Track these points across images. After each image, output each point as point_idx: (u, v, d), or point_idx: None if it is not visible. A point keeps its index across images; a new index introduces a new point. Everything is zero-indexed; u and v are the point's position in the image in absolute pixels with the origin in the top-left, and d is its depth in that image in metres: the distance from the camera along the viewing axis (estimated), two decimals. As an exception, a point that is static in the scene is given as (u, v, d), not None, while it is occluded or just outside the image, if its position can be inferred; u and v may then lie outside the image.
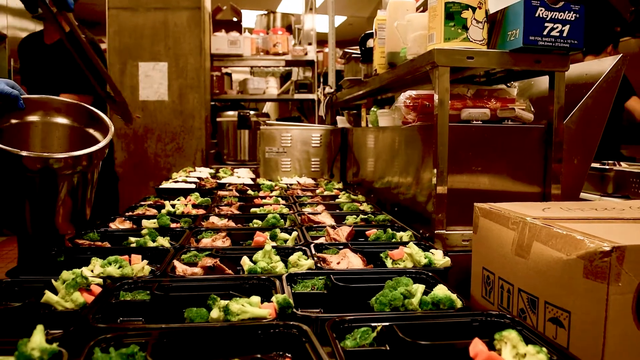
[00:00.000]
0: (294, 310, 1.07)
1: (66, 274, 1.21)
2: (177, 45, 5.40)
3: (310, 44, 6.47)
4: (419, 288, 1.14)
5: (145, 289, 1.24)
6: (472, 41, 1.79)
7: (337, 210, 2.34)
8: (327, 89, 5.19)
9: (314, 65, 6.17)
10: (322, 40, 7.19)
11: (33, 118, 1.55)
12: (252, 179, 3.58)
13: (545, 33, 1.76)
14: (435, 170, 1.81)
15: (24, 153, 1.28)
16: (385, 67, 2.43)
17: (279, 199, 2.61)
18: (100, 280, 1.25)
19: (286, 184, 3.22)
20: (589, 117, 1.98)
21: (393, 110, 2.18)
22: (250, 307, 1.04)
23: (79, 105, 1.57)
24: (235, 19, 6.36)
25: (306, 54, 6.01)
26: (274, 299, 1.09)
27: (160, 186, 3.07)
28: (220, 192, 2.87)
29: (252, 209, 2.31)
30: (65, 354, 0.86)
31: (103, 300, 1.14)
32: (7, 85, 1.51)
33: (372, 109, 2.87)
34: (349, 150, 3.54)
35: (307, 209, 2.32)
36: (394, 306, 1.10)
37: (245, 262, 1.40)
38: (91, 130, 1.58)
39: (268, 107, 6.99)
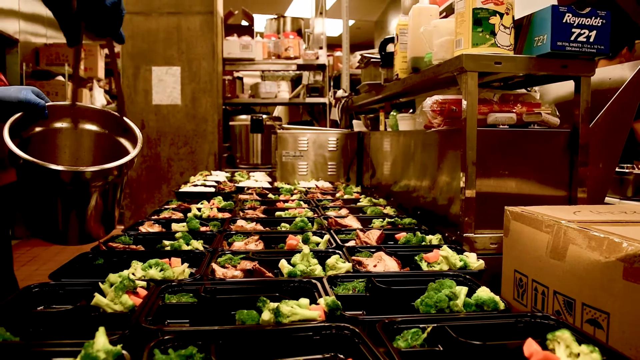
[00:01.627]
0: (342, 312, 1.09)
1: (113, 277, 1.23)
2: (190, 49, 5.43)
3: (321, 47, 6.50)
4: (462, 290, 1.16)
5: (189, 291, 1.26)
6: (499, 46, 1.81)
7: (361, 214, 2.35)
8: (340, 93, 5.22)
9: (325, 69, 6.20)
10: (331, 44, 7.22)
11: (60, 125, 1.56)
12: (270, 183, 3.60)
13: (572, 39, 1.78)
14: (463, 174, 1.83)
15: (60, 168, 1.29)
16: (407, 72, 2.45)
17: (301, 202, 2.63)
18: (144, 283, 1.28)
19: (305, 188, 3.24)
20: (614, 122, 2.00)
21: (417, 115, 2.20)
22: (300, 309, 1.06)
23: (106, 112, 1.58)
24: (246, 23, 6.40)
25: (317, 57, 6.04)
26: (322, 301, 1.11)
27: (180, 190, 3.09)
28: (241, 196, 2.89)
29: (277, 213, 2.33)
30: (127, 356, 0.89)
31: (152, 303, 1.16)
32: (33, 93, 1.53)
33: (392, 113, 2.89)
34: (366, 153, 3.57)
35: (331, 213, 2.34)
36: (440, 308, 1.12)
37: (284, 265, 1.42)
38: (119, 138, 1.60)
39: (279, 111, 7.01)
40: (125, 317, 1.13)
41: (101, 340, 0.88)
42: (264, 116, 5.51)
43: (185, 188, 3.18)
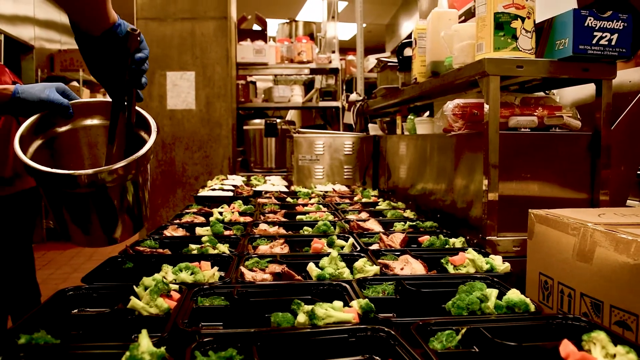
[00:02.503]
0: (376, 314, 1.11)
1: (148, 281, 1.25)
2: (204, 54, 5.47)
3: (333, 51, 6.52)
4: (493, 292, 1.17)
5: (221, 294, 1.29)
6: (521, 50, 1.82)
7: (381, 217, 2.37)
8: (353, 96, 5.24)
9: (337, 73, 6.22)
10: (342, 48, 7.24)
11: (82, 123, 1.57)
12: (286, 186, 3.62)
13: (594, 42, 1.79)
14: (485, 177, 1.84)
15: (76, 173, 1.30)
16: (425, 76, 2.47)
17: (321, 206, 2.65)
18: (176, 287, 1.30)
19: (322, 191, 3.26)
20: (635, 124, 2.00)
21: (438, 118, 2.21)
22: (334, 312, 1.08)
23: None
24: (259, 28, 6.43)
25: (330, 61, 6.06)
26: (355, 303, 1.13)
27: (199, 194, 3.12)
28: (260, 200, 2.91)
29: (298, 216, 2.35)
30: (170, 358, 0.90)
31: (186, 306, 1.19)
32: (58, 91, 1.53)
33: (409, 116, 2.90)
34: (382, 157, 3.58)
35: (351, 216, 2.36)
36: (472, 310, 1.13)
37: (313, 268, 1.44)
38: (142, 133, 1.59)
39: (291, 115, 7.04)
40: (161, 320, 1.15)
41: (145, 342, 0.90)
42: (278, 120, 5.54)
43: (203, 192, 3.21)
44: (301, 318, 1.07)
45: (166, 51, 5.45)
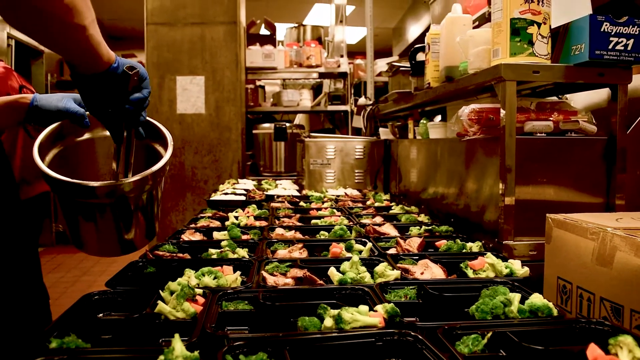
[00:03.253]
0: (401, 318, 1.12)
1: (173, 285, 1.27)
2: (214, 59, 5.50)
3: (342, 55, 6.54)
4: (516, 297, 1.18)
5: (245, 299, 1.30)
6: (537, 56, 1.83)
7: (395, 222, 2.38)
8: (361, 100, 5.26)
9: (346, 77, 6.24)
10: (349, 52, 7.26)
11: (98, 134, 1.59)
12: (298, 191, 3.64)
13: (610, 47, 1.80)
14: (502, 182, 1.85)
15: (95, 184, 1.31)
16: (439, 81, 2.48)
17: (334, 210, 2.66)
18: (201, 291, 1.31)
19: (334, 195, 3.27)
20: (651, 128, 2.01)
21: (453, 123, 2.22)
22: (361, 316, 1.09)
23: (147, 122, 1.60)
24: (268, 32, 6.46)
25: (339, 66, 6.08)
26: (380, 307, 1.14)
27: (212, 198, 3.14)
28: (273, 204, 2.93)
29: (313, 221, 2.36)
30: (202, 362, 0.92)
31: (212, 311, 1.20)
32: (75, 101, 1.56)
33: (422, 121, 2.92)
34: (393, 161, 3.59)
35: (365, 220, 2.37)
36: (495, 314, 1.14)
37: (334, 273, 1.45)
38: (157, 146, 1.62)
39: (300, 119, 7.06)
40: (188, 324, 1.17)
41: (179, 346, 0.91)
42: (288, 124, 5.56)
43: (216, 196, 3.22)
44: (328, 322, 1.08)
45: (176, 56, 5.48)
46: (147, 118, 1.60)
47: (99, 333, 1.17)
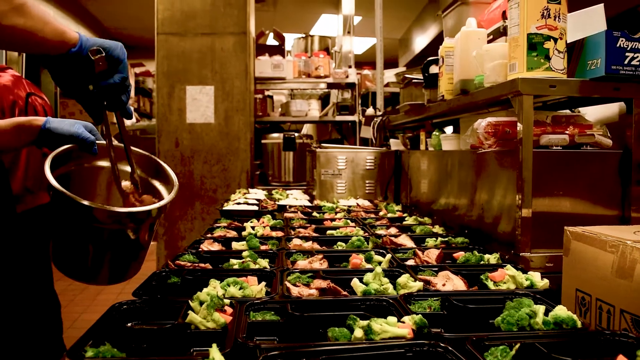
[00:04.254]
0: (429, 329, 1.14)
1: (203, 295, 1.29)
2: (224, 69, 5.54)
3: (350, 66, 6.58)
4: (540, 308, 1.21)
5: (271, 309, 1.32)
6: (554, 70, 1.86)
7: (409, 233, 2.40)
8: (369, 111, 5.29)
9: (354, 87, 6.28)
10: (357, 62, 7.31)
11: (103, 163, 1.60)
12: (309, 201, 3.66)
13: (626, 62, 1.83)
14: (519, 194, 1.88)
15: (112, 208, 1.31)
16: (453, 93, 2.51)
17: (348, 221, 2.69)
18: (228, 301, 1.34)
19: (346, 206, 3.30)
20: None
21: (468, 135, 2.25)
22: (390, 327, 1.11)
23: (147, 157, 1.60)
24: (277, 43, 6.51)
25: (347, 76, 6.12)
26: (407, 319, 1.17)
27: (224, 208, 3.16)
28: (287, 214, 2.95)
29: (329, 231, 2.39)
30: (240, 371, 0.94)
31: (241, 321, 1.22)
32: (86, 129, 1.58)
33: (435, 132, 2.94)
34: (404, 172, 3.62)
35: (380, 231, 2.40)
36: (521, 326, 1.16)
37: (357, 284, 1.48)
38: (155, 182, 1.62)
39: (307, 129, 7.10)
40: (218, 334, 1.19)
41: (217, 356, 0.94)
42: (296, 134, 5.59)
43: (228, 206, 3.25)
44: (358, 333, 1.11)
45: (186, 65, 5.53)
46: (155, 158, 1.61)
47: (130, 342, 1.19)
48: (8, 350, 1.14)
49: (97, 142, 1.55)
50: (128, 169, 1.55)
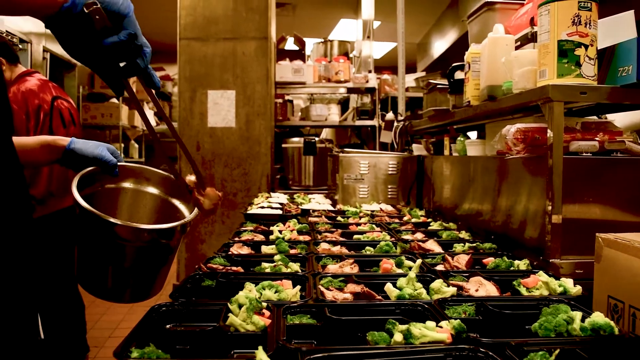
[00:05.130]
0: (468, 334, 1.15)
1: (242, 298, 1.31)
2: (245, 73, 5.58)
3: (370, 71, 6.60)
4: (577, 315, 1.21)
5: (307, 313, 1.34)
6: (584, 77, 1.86)
7: (436, 238, 2.41)
8: (389, 116, 5.30)
9: (374, 92, 6.30)
10: (375, 67, 7.32)
11: (125, 185, 1.62)
12: (332, 205, 3.68)
13: (657, 69, 1.83)
14: (549, 201, 1.88)
15: (141, 226, 1.33)
16: (480, 99, 2.52)
17: (373, 225, 2.70)
18: (265, 304, 1.36)
19: (369, 211, 3.31)
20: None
21: (496, 141, 2.26)
22: (429, 332, 1.13)
23: (170, 178, 1.62)
24: (297, 48, 6.55)
25: (367, 81, 6.14)
26: (445, 324, 1.18)
27: (248, 212, 3.19)
28: (311, 218, 2.97)
29: (355, 236, 2.40)
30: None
31: (281, 324, 1.24)
32: (109, 150, 1.61)
33: (459, 138, 2.95)
34: (427, 177, 3.63)
35: (406, 236, 2.41)
36: (559, 332, 1.17)
37: (391, 288, 1.49)
38: (175, 201, 1.64)
39: (326, 133, 7.12)
40: (258, 337, 1.21)
41: (264, 358, 0.96)
42: (317, 138, 5.61)
43: (252, 210, 3.28)
44: (397, 337, 1.12)
45: (208, 70, 5.58)
46: (174, 177, 1.59)
47: (171, 344, 1.22)
48: (33, 350, 1.16)
49: (120, 163, 1.57)
50: (148, 189, 1.59)
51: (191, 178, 1.50)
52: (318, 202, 3.76)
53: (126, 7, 1.17)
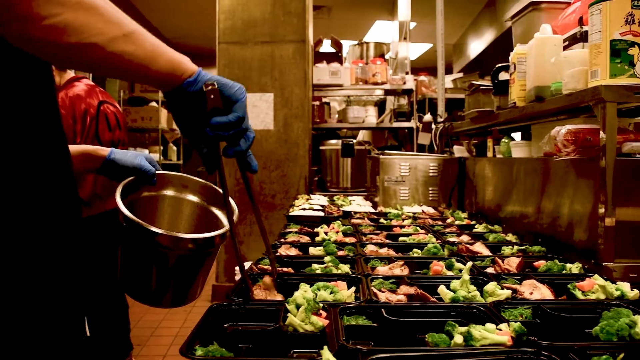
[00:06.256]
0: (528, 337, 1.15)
1: (299, 299, 1.33)
2: (283, 76, 5.63)
3: (407, 72, 6.58)
4: (639, 318, 1.20)
5: (363, 314, 1.35)
6: (638, 77, 1.84)
7: (482, 240, 2.39)
8: (427, 117, 5.28)
9: (411, 93, 6.28)
10: (411, 68, 7.30)
11: (165, 192, 1.66)
12: (373, 207, 3.68)
13: None
14: (602, 203, 1.86)
15: (183, 235, 1.35)
16: (526, 100, 2.50)
17: (417, 228, 2.70)
18: (321, 305, 1.37)
19: (411, 213, 3.30)
20: None
21: (545, 143, 2.24)
22: (489, 334, 1.12)
23: (208, 186, 1.62)
24: (334, 50, 6.57)
25: (404, 82, 6.12)
26: (504, 326, 1.18)
27: (290, 213, 3.21)
28: (354, 220, 2.98)
29: (401, 238, 2.40)
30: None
31: (339, 324, 1.26)
32: (147, 160, 1.64)
33: (504, 139, 2.93)
34: (469, 179, 3.60)
35: (452, 239, 2.40)
36: (621, 335, 1.16)
37: (444, 291, 1.49)
38: (214, 209, 1.67)
39: (363, 135, 7.12)
40: (316, 337, 1.22)
41: (330, 357, 0.97)
42: (354, 140, 5.62)
43: (293, 212, 3.30)
44: (458, 339, 1.12)
45: (246, 73, 5.64)
46: (215, 187, 1.60)
47: (231, 343, 1.24)
48: (80, 347, 1.20)
49: (158, 172, 1.61)
50: (187, 197, 1.62)
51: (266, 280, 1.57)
52: (359, 204, 3.77)
53: (240, 94, 1.24)
